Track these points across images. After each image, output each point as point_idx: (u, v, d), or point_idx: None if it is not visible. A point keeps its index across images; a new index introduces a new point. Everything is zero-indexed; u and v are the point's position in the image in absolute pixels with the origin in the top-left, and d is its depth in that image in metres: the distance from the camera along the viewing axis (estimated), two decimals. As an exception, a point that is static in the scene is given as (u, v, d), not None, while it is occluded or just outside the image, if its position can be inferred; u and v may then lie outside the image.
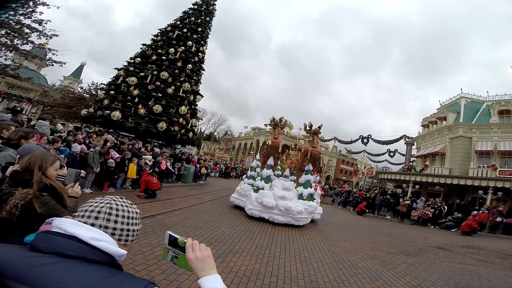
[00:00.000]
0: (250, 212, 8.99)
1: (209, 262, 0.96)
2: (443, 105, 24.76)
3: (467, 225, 13.20)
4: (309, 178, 10.59)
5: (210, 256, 0.97)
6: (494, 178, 16.73)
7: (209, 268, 0.94)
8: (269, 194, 9.32)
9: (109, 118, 15.96)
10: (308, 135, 11.29)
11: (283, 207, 8.82)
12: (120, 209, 0.95)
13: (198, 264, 0.93)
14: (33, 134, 3.45)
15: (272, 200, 8.99)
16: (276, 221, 8.73)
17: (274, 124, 11.11)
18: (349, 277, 4.93)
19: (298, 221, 8.98)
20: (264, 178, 10.39)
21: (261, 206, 8.91)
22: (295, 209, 8.93)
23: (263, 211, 8.90)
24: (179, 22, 21.16)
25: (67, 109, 26.06)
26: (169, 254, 1.02)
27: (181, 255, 0.99)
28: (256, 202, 9.05)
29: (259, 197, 9.09)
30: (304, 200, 9.85)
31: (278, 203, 8.94)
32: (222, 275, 4.02)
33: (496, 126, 19.29)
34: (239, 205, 10.28)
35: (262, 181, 10.24)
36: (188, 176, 15.73)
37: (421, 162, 24.42)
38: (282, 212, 8.83)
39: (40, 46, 14.00)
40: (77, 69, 50.97)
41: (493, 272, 6.65)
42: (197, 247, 0.97)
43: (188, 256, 0.95)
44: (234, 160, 48.88)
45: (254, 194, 9.38)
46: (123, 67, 18.49)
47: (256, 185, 10.11)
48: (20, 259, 0.76)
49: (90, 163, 8.04)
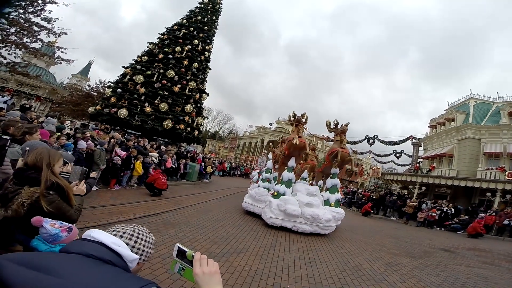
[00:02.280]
0: (271, 221, 7.95)
1: (216, 278, 0.96)
2: (452, 106, 24.40)
3: (474, 228, 13.02)
4: (336, 182, 9.77)
5: (217, 272, 0.97)
6: (502, 180, 16.43)
7: (215, 284, 0.95)
8: (293, 200, 8.27)
9: (115, 115, 16.10)
10: (334, 134, 10.17)
11: (310, 215, 7.91)
12: (141, 233, 1.10)
13: (204, 279, 0.94)
14: (36, 129, 3.50)
15: (297, 207, 8.03)
16: (300, 230, 7.91)
17: (296, 121, 9.83)
18: (353, 279, 4.90)
19: (325, 229, 8.26)
20: (285, 182, 9.01)
21: (284, 214, 7.93)
22: (324, 217, 8.11)
23: (285, 220, 7.93)
24: (186, 21, 21.24)
25: (74, 106, 26.40)
26: (177, 265, 1.03)
27: (188, 268, 1.00)
28: (278, 210, 8.02)
29: (281, 204, 8.04)
30: (331, 206, 9.11)
31: (303, 210, 8.01)
32: (225, 275, 4.05)
33: (506, 128, 18.93)
34: (253, 211, 9.30)
35: (282, 185, 8.94)
36: (193, 174, 15.82)
37: (428, 163, 24.11)
38: (308, 221, 7.96)
39: (49, 44, 14.17)
40: (85, 67, 51.50)
41: (499, 275, 6.55)
42: (205, 262, 0.97)
43: (195, 271, 0.95)
44: (239, 159, 48.93)
45: (275, 201, 8.28)
46: (130, 65, 18.64)
47: (276, 190, 8.86)
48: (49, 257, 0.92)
49: (97, 161, 8.12)
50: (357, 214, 17.94)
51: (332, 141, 11.25)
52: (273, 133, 44.01)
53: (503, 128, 19.02)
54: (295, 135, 9.38)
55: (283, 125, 47.59)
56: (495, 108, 21.27)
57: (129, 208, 6.80)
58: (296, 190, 9.03)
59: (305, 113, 9.87)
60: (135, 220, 5.72)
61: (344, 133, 9.90)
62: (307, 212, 7.97)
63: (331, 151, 9.89)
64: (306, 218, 7.95)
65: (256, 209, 9.26)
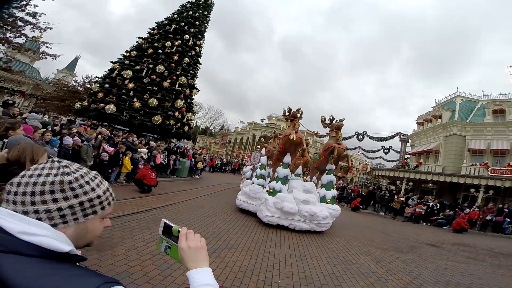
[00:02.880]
0: (267, 219, 7.72)
1: (202, 253, 0.88)
2: (439, 103, 24.97)
3: (458, 223, 13.42)
4: (332, 178, 9.61)
5: (203, 247, 0.90)
6: (486, 176, 16.99)
7: (201, 260, 0.87)
8: (289, 198, 8.07)
9: (103, 111, 15.77)
10: (330, 129, 9.91)
11: (307, 212, 7.73)
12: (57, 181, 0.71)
13: (189, 254, 0.86)
14: (19, 124, 3.40)
15: (294, 205, 7.83)
16: (297, 228, 7.75)
17: (292, 116, 9.41)
18: (343, 273, 4.97)
19: (321, 227, 8.14)
20: (280, 178, 8.71)
21: (280, 212, 7.73)
22: (321, 215, 7.93)
23: (282, 218, 7.75)
24: (177, 16, 20.92)
25: (60, 102, 25.75)
26: (163, 244, 0.94)
27: (174, 246, 0.92)
28: (275, 207, 7.78)
29: (278, 202, 7.80)
30: (328, 203, 8.99)
31: (300, 208, 7.82)
32: (217, 271, 4.03)
33: (490, 125, 19.55)
34: (248, 209, 8.99)
35: (278, 182, 8.64)
36: (183, 170, 15.68)
37: (415, 159, 24.68)
38: (305, 218, 7.79)
39: (33, 39, 13.73)
40: (72, 62, 50.02)
41: (483, 270, 6.78)
42: (191, 236, 0.90)
43: (180, 245, 0.87)
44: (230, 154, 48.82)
45: (271, 198, 8.03)
46: (118, 60, 18.25)
47: (272, 187, 8.52)
48: None
49: (84, 157, 7.95)
50: (346, 209, 18.20)
51: (322, 136, 12.12)
52: (265, 129, 44.06)
53: (487, 125, 19.62)
54: (291, 130, 9.06)
55: (275, 121, 47.74)
56: (480, 106, 21.91)
57: (117, 205, 6.68)
58: (292, 187, 8.80)
59: (300, 108, 9.55)
60: (124, 218, 5.63)
61: (340, 129, 9.73)
62: (304, 209, 7.79)
63: (327, 147, 9.71)
64: (303, 216, 7.77)
65: (251, 207, 8.98)
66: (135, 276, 3.32)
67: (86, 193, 0.75)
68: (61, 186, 0.71)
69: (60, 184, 0.71)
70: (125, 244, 4.23)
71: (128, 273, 3.36)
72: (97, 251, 3.72)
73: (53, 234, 0.69)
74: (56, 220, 0.71)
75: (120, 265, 3.51)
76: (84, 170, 0.79)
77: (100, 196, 0.79)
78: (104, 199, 0.81)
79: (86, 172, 0.78)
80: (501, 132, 19.03)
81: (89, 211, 0.76)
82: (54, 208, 0.70)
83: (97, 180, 0.81)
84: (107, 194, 0.82)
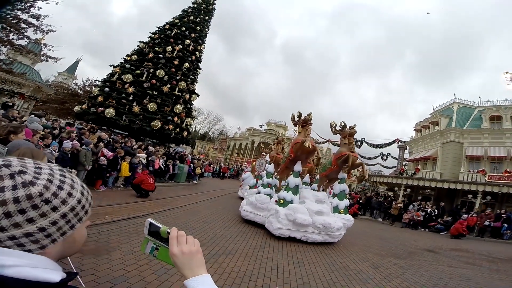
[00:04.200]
0: (278, 232, 7.20)
1: (198, 259, 0.79)
2: (436, 110, 25.15)
3: (456, 229, 13.43)
4: (344, 187, 9.23)
5: (199, 252, 0.80)
6: (483, 182, 17.04)
7: (197, 266, 0.78)
8: (303, 209, 7.57)
9: (102, 115, 15.81)
10: (342, 136, 9.35)
11: (321, 224, 7.32)
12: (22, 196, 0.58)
13: (184, 261, 0.77)
14: (21, 129, 3.42)
15: (308, 216, 7.38)
16: (310, 240, 7.33)
17: (303, 122, 8.78)
18: (340, 279, 4.97)
19: (335, 238, 7.78)
20: (291, 188, 8.10)
21: (292, 224, 7.24)
22: (335, 226, 7.56)
23: (294, 230, 7.27)
24: (178, 21, 21.14)
25: (60, 105, 25.79)
26: (149, 245, 0.84)
27: (163, 247, 0.82)
28: (287, 219, 7.26)
29: (290, 213, 7.28)
30: (341, 213, 8.57)
31: (314, 219, 7.39)
32: (214, 276, 4.02)
33: (487, 132, 19.67)
34: (254, 220, 8.39)
35: (288, 192, 8.02)
36: (182, 175, 15.65)
37: (413, 166, 24.73)
38: (319, 230, 7.37)
39: (35, 41, 13.82)
40: (72, 65, 50.20)
41: (480, 275, 6.77)
42: (184, 240, 0.80)
43: (172, 251, 0.77)
44: (229, 160, 48.79)
45: (283, 210, 7.50)
46: (119, 64, 18.37)
47: (282, 197, 7.93)
48: None
49: (82, 161, 7.95)
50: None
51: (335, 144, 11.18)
52: (264, 135, 44.16)
53: (484, 132, 19.75)
54: (303, 137, 8.47)
55: (273, 127, 47.84)
56: (477, 113, 22.07)
57: (115, 209, 6.67)
58: (304, 197, 8.32)
59: (311, 113, 8.92)
60: (121, 222, 5.63)
61: (353, 136, 9.25)
62: (318, 220, 7.36)
63: (340, 155, 9.12)
64: (317, 228, 7.35)
65: (257, 218, 8.38)
66: (132, 280, 3.31)
67: (64, 201, 0.65)
68: (30, 202, 0.58)
69: (29, 200, 0.58)
70: (122, 249, 4.22)
71: (125, 277, 3.35)
72: (93, 256, 3.71)
73: (32, 261, 0.60)
74: (43, 241, 0.62)
75: (117, 270, 3.50)
76: (47, 170, 0.65)
77: (81, 200, 0.70)
78: (85, 201, 0.72)
79: (50, 173, 0.65)
80: (498, 139, 19.16)
81: (74, 221, 0.68)
82: (35, 230, 0.60)
83: (68, 179, 0.69)
84: (85, 194, 0.73)
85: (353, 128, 9.17)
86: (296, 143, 8.49)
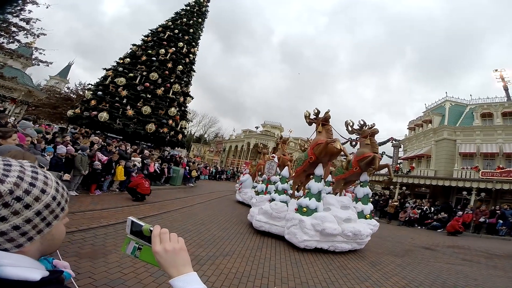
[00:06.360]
0: (305, 244, 6.47)
1: (182, 257, 0.76)
2: (429, 108, 25.44)
3: (452, 226, 13.55)
4: (368, 191, 8.62)
5: (183, 249, 0.77)
6: (477, 179, 17.25)
7: (183, 264, 0.75)
8: (331, 218, 6.91)
9: (96, 119, 15.65)
10: (362, 136, 8.82)
11: (351, 232, 6.83)
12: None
13: (168, 259, 0.74)
14: (10, 133, 3.35)
15: (336, 225, 6.82)
16: (339, 249, 6.80)
17: (323, 120, 8.05)
18: (338, 278, 4.96)
19: (361, 244, 7.36)
20: (314, 194, 7.24)
21: (320, 234, 6.62)
22: (365, 232, 7.16)
23: (321, 241, 6.66)
24: (171, 23, 21.09)
25: (52, 109, 25.44)
26: (130, 245, 0.80)
27: (146, 247, 0.79)
28: (314, 230, 6.59)
29: (318, 223, 6.62)
30: (367, 218, 8.14)
31: (343, 227, 6.88)
32: (212, 278, 4.00)
33: (478, 129, 19.96)
34: (270, 231, 7.48)
35: (311, 199, 7.18)
36: (177, 178, 15.54)
37: (408, 164, 24.94)
38: (347, 238, 6.89)
39: (26, 45, 13.64)
40: (64, 69, 49.77)
41: (478, 272, 6.82)
42: (167, 237, 0.77)
43: (155, 248, 0.75)
44: (225, 162, 48.64)
45: (308, 219, 6.76)
46: (112, 67, 18.24)
47: (305, 205, 7.11)
48: None
49: (78, 166, 7.83)
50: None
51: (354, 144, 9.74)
52: (260, 136, 44.07)
53: (476, 129, 20.04)
54: (326, 137, 7.74)
55: (269, 128, 47.84)
56: (468, 110, 22.41)
57: (110, 213, 6.58)
58: (328, 203, 7.56)
59: (329, 111, 8.22)
60: (117, 226, 5.55)
61: (374, 136, 8.72)
62: (348, 228, 6.87)
63: (362, 157, 8.46)
64: (346, 236, 6.85)
65: (273, 228, 7.49)
66: (129, 283, 3.27)
67: (37, 199, 0.63)
68: (0, 200, 0.57)
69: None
70: (119, 252, 4.16)
71: (122, 280, 3.31)
72: (89, 259, 3.65)
73: (10, 260, 0.59)
74: (19, 240, 0.61)
75: (114, 273, 3.45)
76: (17, 167, 0.63)
77: (55, 196, 0.68)
78: (60, 197, 0.70)
79: (21, 170, 0.63)
80: (489, 136, 19.45)
81: (50, 218, 0.67)
82: (9, 228, 0.59)
83: (40, 176, 0.67)
84: (61, 191, 0.71)
85: (374, 128, 8.72)
86: (318, 144, 7.71)
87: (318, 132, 8.18)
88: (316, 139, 8.13)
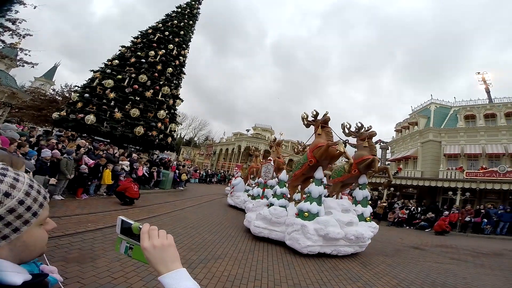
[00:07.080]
0: (308, 250, 6.36)
1: (171, 253, 0.75)
2: (415, 110, 26.07)
3: (439, 225, 13.85)
4: (367, 194, 8.63)
5: (171, 245, 0.77)
6: (462, 179, 17.75)
7: (171, 260, 0.74)
8: (333, 222, 6.83)
9: (82, 122, 15.25)
10: (359, 139, 8.78)
11: (354, 235, 6.78)
12: None
13: (156, 255, 0.73)
14: None
15: (339, 229, 6.75)
16: (342, 253, 6.75)
17: (322, 122, 7.96)
18: (330, 279, 4.97)
19: (362, 247, 7.36)
20: (315, 198, 7.14)
21: (323, 239, 6.54)
22: (367, 235, 7.12)
23: (324, 245, 6.59)
24: (161, 25, 20.87)
25: (37, 112, 24.66)
26: (122, 244, 0.82)
27: (137, 245, 0.79)
28: (317, 235, 6.51)
29: (321, 228, 6.53)
30: (367, 221, 8.09)
31: (345, 231, 6.81)
32: (204, 281, 3.93)
33: (462, 131, 20.61)
34: (269, 237, 7.28)
35: (312, 203, 7.10)
36: (167, 182, 15.32)
37: (395, 165, 25.44)
38: (350, 242, 6.84)
39: (11, 45, 13.21)
40: (50, 70, 48.41)
41: (466, 270, 6.97)
42: (155, 233, 0.76)
43: (143, 245, 0.75)
44: (215, 166, 48.32)
45: (311, 224, 6.69)
46: (100, 69, 17.85)
47: (306, 209, 7.02)
48: None
49: (63, 170, 7.61)
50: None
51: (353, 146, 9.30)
52: (250, 139, 44.02)
53: (460, 130, 20.69)
54: (325, 139, 7.68)
55: (260, 131, 47.91)
56: (452, 112, 23.12)
57: (98, 217, 6.40)
58: (329, 207, 7.53)
59: (327, 112, 8.16)
60: (105, 230, 5.40)
61: (372, 138, 8.68)
62: (350, 232, 6.82)
63: (361, 159, 8.37)
64: (349, 240, 6.80)
65: (273, 234, 7.31)
66: (119, 287, 3.18)
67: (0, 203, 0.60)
68: None
69: None
70: (107, 256, 4.04)
71: (111, 284, 3.22)
72: (77, 263, 3.53)
73: None
74: None
75: (103, 277, 3.36)
76: None
77: (24, 201, 0.64)
78: (31, 202, 0.66)
79: None
80: (473, 137, 20.11)
81: (17, 223, 0.63)
82: None
83: (8, 178, 0.64)
84: (33, 194, 0.67)
85: (372, 130, 8.68)
86: (318, 147, 7.59)
87: (318, 134, 8.08)
88: (316, 141, 8.03)
